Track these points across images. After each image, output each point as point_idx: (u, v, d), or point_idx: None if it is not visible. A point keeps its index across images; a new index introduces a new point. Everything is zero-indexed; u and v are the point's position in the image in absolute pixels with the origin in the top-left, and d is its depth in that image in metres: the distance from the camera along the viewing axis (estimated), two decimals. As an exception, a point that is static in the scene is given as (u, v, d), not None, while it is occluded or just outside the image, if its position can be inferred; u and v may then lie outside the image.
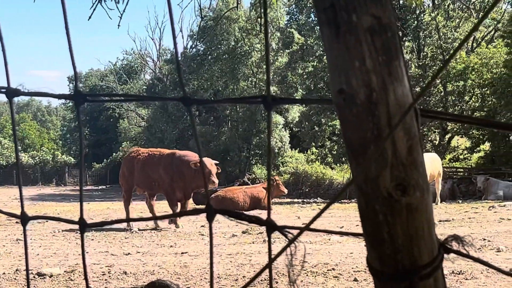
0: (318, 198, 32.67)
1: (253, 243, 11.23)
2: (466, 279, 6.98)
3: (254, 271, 8.08)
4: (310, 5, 44.04)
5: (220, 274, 7.91)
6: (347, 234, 1.25)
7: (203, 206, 1.25)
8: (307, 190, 37.15)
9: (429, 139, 42.24)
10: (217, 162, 16.38)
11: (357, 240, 9.30)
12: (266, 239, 1.23)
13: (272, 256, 1.26)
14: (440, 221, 14.53)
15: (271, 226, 1.24)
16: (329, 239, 11.12)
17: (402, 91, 1.09)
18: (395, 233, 1.13)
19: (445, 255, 1.19)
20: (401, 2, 41.56)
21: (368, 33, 1.06)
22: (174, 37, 1.25)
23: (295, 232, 1.22)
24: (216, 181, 16.01)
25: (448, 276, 7.20)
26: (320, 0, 1.08)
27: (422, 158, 1.14)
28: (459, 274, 7.23)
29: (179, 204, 16.29)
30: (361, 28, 1.06)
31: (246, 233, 13.21)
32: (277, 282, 7.19)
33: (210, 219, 1.28)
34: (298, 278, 7.38)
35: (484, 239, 10.49)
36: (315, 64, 42.71)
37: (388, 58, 1.08)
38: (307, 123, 43.12)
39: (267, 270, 1.25)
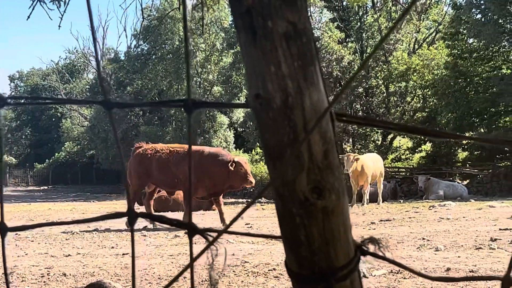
0: (263, 198, 32.71)
1: (195, 243, 11.15)
2: (404, 278, 7.07)
3: (195, 271, 8.06)
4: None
5: (161, 275, 7.86)
6: (267, 236, 1.27)
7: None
8: (251, 190, 37.25)
9: (372, 139, 42.73)
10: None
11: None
12: (211, 239, 1.24)
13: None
14: (381, 220, 14.71)
15: (192, 229, 1.24)
16: (271, 239, 11.14)
17: (318, 96, 1.11)
18: (311, 236, 1.14)
19: (362, 257, 1.21)
20: (344, 3, 41.98)
21: (283, 38, 1.07)
22: (94, 39, 1.25)
23: (217, 234, 1.23)
24: (253, 180, 15.38)
25: (387, 275, 7.29)
26: (236, 5, 1.08)
27: (338, 161, 1.16)
28: (397, 273, 7.32)
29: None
30: (276, 34, 1.07)
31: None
32: (217, 283, 7.18)
33: (131, 222, 1.28)
34: (239, 279, 7.39)
35: (423, 238, 10.65)
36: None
37: (304, 64, 1.09)
38: (251, 123, 43.22)
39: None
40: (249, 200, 26.06)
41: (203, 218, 17.41)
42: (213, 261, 1.26)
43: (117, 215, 1.28)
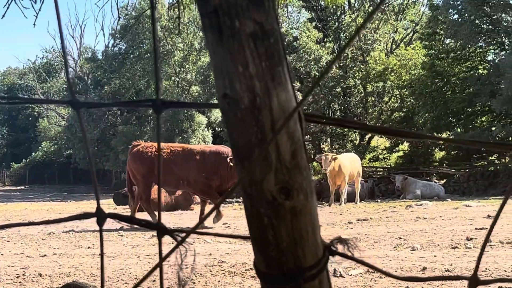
0: (240, 198, 32.74)
1: (172, 243, 11.15)
2: (381, 278, 7.09)
3: (172, 271, 8.03)
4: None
5: (137, 275, 7.83)
6: (235, 237, 1.26)
7: (125, 207, 1.22)
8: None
9: (350, 139, 42.89)
10: None
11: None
12: (187, 240, 1.23)
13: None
14: (358, 220, 14.75)
15: (161, 230, 1.24)
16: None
17: (286, 96, 1.11)
18: (279, 236, 1.14)
19: (331, 257, 1.21)
20: (322, 3, 42.10)
21: (251, 38, 1.07)
22: (62, 38, 1.24)
23: (186, 234, 1.23)
24: None
25: (364, 274, 7.31)
26: (203, 5, 1.08)
27: (306, 162, 1.16)
28: (373, 273, 7.34)
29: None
30: (244, 34, 1.07)
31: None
32: (194, 283, 7.17)
33: (100, 223, 1.27)
34: (216, 279, 7.38)
35: (400, 238, 10.69)
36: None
37: (271, 64, 1.09)
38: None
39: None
40: (226, 200, 26.05)
41: (181, 218, 17.36)
42: (182, 262, 1.26)
43: (85, 216, 1.28)
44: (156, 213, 13.44)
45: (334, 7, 40.26)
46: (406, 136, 1.13)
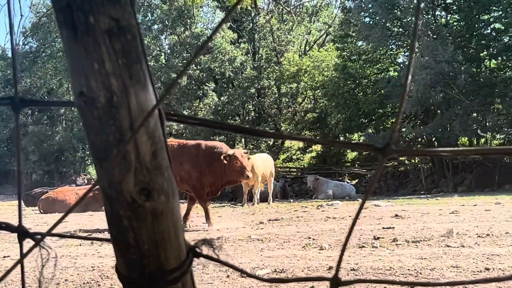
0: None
1: (80, 245, 10.97)
2: (287, 277, 7.13)
3: (78, 274, 7.90)
4: (147, 4, 43.76)
5: (49, 278, 7.66)
6: (95, 239, 1.23)
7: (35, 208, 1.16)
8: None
9: (264, 139, 43.11)
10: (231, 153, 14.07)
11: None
12: (95, 241, 1.18)
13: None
14: (269, 220, 14.82)
15: (22, 233, 1.20)
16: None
17: (145, 95, 1.08)
18: (140, 238, 1.12)
19: (195, 259, 1.19)
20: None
21: (106, 35, 1.04)
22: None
23: (48, 237, 1.19)
24: (251, 175, 14.41)
25: (271, 274, 7.34)
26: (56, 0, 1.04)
27: (168, 162, 1.13)
28: (281, 272, 7.38)
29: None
30: (99, 30, 1.03)
31: (75, 234, 12.91)
32: (99, 285, 7.06)
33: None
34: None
35: (309, 238, 10.79)
36: (152, 63, 42.49)
37: (129, 61, 1.06)
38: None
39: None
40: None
41: (91, 220, 17.10)
42: (43, 265, 1.22)
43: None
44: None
45: (249, 8, 40.42)
46: (267, 136, 1.12)
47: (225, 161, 13.69)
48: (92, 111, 1.07)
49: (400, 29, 34.47)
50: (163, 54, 45.51)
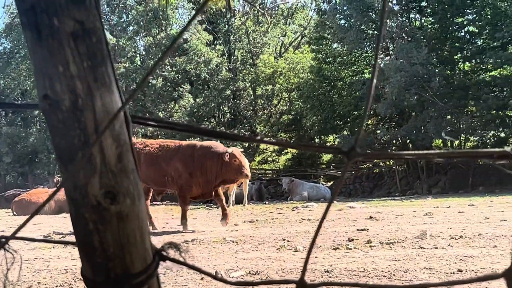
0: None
1: (53, 247, 10.90)
2: (261, 279, 7.13)
3: (51, 276, 7.85)
4: (122, 5, 43.61)
5: (14, 281, 7.60)
6: (61, 242, 1.22)
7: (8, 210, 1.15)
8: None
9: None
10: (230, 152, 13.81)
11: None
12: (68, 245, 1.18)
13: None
14: (244, 222, 14.83)
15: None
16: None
17: (110, 98, 1.08)
18: (106, 242, 1.11)
19: (161, 263, 1.19)
20: (212, 6, 42.17)
21: (71, 37, 1.03)
22: None
23: (4, 241, 1.18)
24: (249, 174, 14.15)
25: (245, 276, 7.34)
26: (20, 1, 1.04)
27: (133, 165, 1.13)
28: (255, 274, 7.38)
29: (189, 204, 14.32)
30: (63, 33, 1.03)
31: (48, 237, 12.83)
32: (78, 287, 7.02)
33: None
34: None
35: (284, 239, 10.79)
36: (127, 65, 42.35)
37: (94, 64, 1.05)
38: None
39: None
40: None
41: (64, 222, 16.99)
42: (8, 269, 1.21)
43: None
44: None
45: (224, 10, 40.42)
46: (235, 139, 1.12)
47: (227, 159, 13.51)
48: (57, 114, 1.06)
49: (375, 32, 34.60)
50: (138, 55, 45.36)
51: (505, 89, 31.04)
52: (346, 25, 34.94)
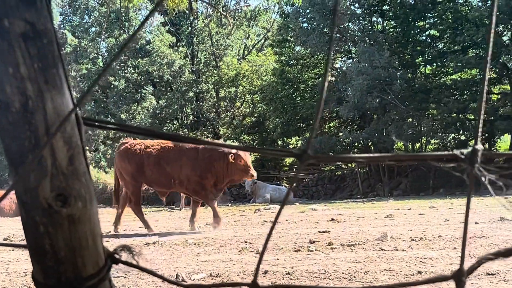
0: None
1: (13, 250, 10.79)
2: (222, 281, 7.13)
3: (10, 279, 7.75)
4: (84, 6, 43.31)
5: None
6: (13, 246, 1.21)
7: None
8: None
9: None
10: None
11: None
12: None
13: None
14: (206, 224, 14.81)
15: None
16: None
17: (61, 100, 1.07)
18: (57, 245, 1.10)
19: (114, 265, 1.18)
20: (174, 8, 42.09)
21: (21, 39, 1.02)
22: None
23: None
24: (254, 173, 13.87)
25: (206, 278, 7.33)
26: (-30, 2, 1.02)
27: (85, 167, 1.12)
28: (216, 276, 7.38)
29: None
30: (14, 34, 1.02)
31: (8, 239, 12.67)
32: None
33: None
34: None
35: (246, 242, 10.79)
36: (89, 66, 42.08)
37: (45, 66, 1.04)
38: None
39: None
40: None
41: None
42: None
43: None
44: (146, 218, 12.39)
45: (186, 11, 40.35)
46: (180, 140, 1.12)
47: (232, 160, 13.44)
48: (7, 116, 1.05)
49: (338, 35, 34.82)
50: (100, 57, 45.07)
51: (465, 92, 31.43)
52: (308, 28, 35.08)
